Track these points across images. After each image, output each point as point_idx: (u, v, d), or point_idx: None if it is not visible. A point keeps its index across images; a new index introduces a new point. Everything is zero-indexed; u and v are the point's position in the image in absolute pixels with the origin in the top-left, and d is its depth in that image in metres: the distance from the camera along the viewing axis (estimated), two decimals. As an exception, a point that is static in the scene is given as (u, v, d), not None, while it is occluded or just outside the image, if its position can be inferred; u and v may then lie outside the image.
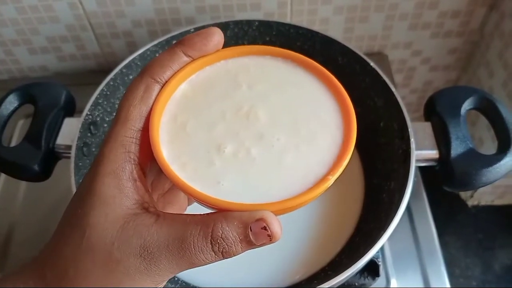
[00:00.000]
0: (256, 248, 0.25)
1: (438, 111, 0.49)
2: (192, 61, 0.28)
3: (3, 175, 0.67)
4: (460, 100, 0.49)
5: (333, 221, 0.53)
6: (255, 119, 0.27)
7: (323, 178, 0.25)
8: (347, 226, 0.53)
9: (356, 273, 0.54)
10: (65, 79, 0.78)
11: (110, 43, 0.74)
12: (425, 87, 0.87)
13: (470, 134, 0.80)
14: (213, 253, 0.24)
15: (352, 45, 0.54)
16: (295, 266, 0.50)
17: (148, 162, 0.28)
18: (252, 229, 0.24)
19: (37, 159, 0.47)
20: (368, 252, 0.41)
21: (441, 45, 0.78)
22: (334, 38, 0.55)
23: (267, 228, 0.24)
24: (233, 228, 0.24)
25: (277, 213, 0.24)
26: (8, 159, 0.46)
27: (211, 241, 0.24)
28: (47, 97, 0.49)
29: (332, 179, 0.25)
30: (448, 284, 0.56)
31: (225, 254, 0.24)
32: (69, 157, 0.47)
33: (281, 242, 0.49)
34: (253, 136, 0.27)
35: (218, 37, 0.28)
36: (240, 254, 0.25)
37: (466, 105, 0.49)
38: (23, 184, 0.65)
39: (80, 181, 0.26)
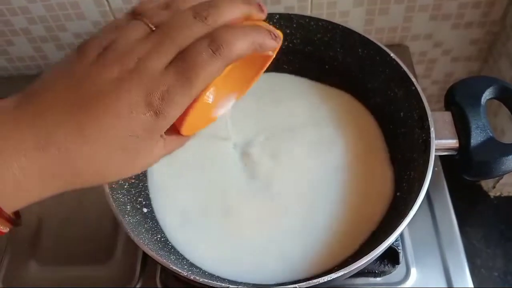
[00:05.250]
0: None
1: (458, 101, 0.49)
2: None
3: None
4: (480, 89, 0.49)
5: (359, 213, 0.53)
6: None
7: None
8: (372, 220, 0.53)
9: (377, 260, 0.55)
10: (92, 74, 0.80)
11: (135, 38, 0.76)
12: (446, 78, 0.87)
13: (492, 125, 0.80)
14: None
15: (372, 37, 0.54)
16: (319, 258, 0.50)
17: None
18: None
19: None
20: (387, 239, 0.42)
21: (462, 36, 0.77)
22: (355, 30, 0.55)
23: None
24: None
25: None
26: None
27: None
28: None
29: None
30: (468, 274, 0.56)
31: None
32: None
33: (305, 234, 0.50)
34: None
35: None
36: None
37: (486, 95, 0.49)
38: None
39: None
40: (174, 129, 0.31)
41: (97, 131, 0.27)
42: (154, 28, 0.29)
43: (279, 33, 0.33)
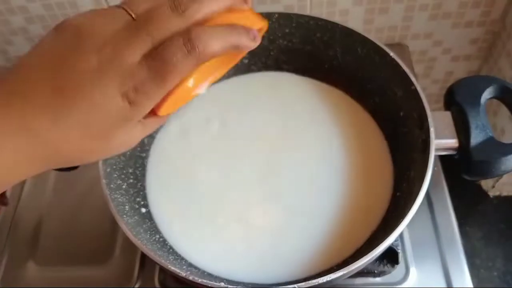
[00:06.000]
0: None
1: (457, 101, 0.49)
2: None
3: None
4: (480, 89, 0.49)
5: (359, 213, 0.52)
6: None
7: None
8: (372, 219, 0.52)
9: (376, 260, 0.54)
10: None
11: (133, 38, 0.75)
12: (446, 77, 0.87)
13: (492, 124, 0.80)
14: None
15: (372, 36, 0.54)
16: (318, 258, 0.50)
17: None
18: None
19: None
20: (386, 239, 0.42)
21: (462, 35, 0.77)
22: (354, 29, 0.55)
23: None
24: None
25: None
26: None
27: None
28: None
29: None
30: (467, 274, 0.56)
31: None
32: (96, 147, 0.49)
33: (305, 234, 0.50)
34: None
35: None
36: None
37: (486, 94, 0.49)
38: (52, 175, 0.68)
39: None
40: (152, 111, 0.32)
41: (73, 119, 0.28)
42: (134, 16, 0.30)
43: (261, 27, 0.34)
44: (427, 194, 0.62)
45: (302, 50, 0.60)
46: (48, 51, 0.29)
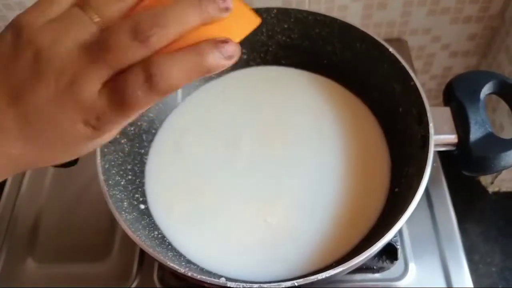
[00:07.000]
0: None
1: (457, 96, 0.49)
2: None
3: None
4: (479, 84, 0.49)
5: (357, 208, 0.52)
6: None
7: None
8: (371, 215, 0.52)
9: (375, 256, 0.54)
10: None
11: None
12: (444, 73, 0.87)
13: (491, 120, 0.80)
14: None
15: (370, 31, 0.54)
16: (317, 255, 0.50)
17: None
18: None
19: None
20: (385, 235, 0.41)
21: (461, 30, 0.77)
22: (353, 24, 0.55)
23: None
24: None
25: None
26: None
27: None
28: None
29: None
30: (466, 269, 0.56)
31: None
32: (94, 143, 0.49)
33: (303, 231, 0.50)
34: None
35: None
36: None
37: (486, 90, 0.49)
38: (49, 171, 0.68)
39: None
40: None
41: (42, 143, 0.29)
42: (96, 20, 0.27)
43: (247, 33, 0.29)
44: (426, 190, 0.61)
45: (300, 45, 0.60)
46: (8, 73, 0.28)
